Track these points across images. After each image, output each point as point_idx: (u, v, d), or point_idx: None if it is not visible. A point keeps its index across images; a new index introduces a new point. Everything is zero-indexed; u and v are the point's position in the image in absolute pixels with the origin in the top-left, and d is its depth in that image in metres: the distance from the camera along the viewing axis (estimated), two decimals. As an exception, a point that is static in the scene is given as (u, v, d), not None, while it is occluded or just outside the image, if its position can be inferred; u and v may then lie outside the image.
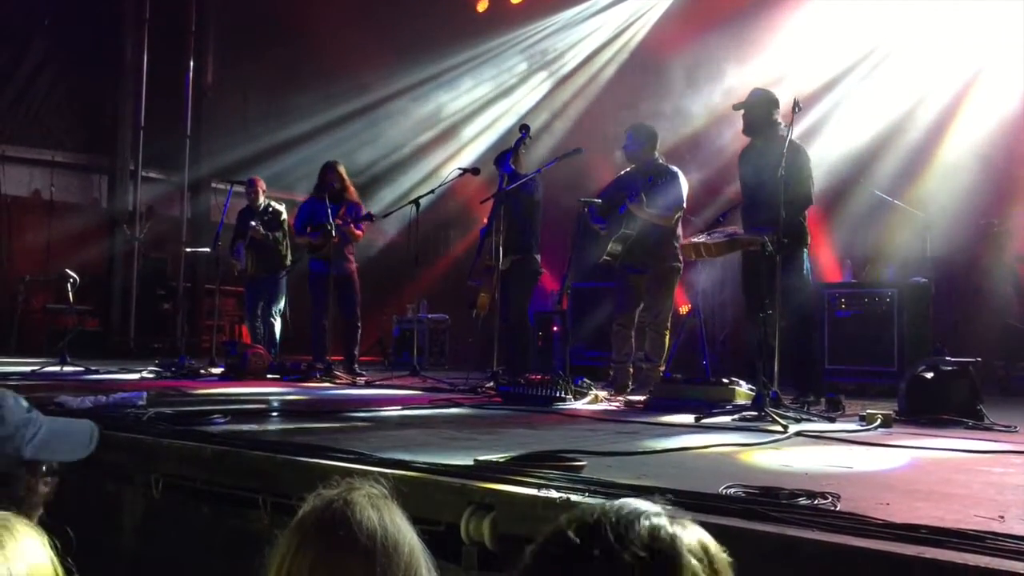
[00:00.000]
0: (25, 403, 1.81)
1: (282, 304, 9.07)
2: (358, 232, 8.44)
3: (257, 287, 9.06)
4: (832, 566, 2.03)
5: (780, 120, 6.03)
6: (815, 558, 2.05)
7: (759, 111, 6.06)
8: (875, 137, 8.45)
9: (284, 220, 9.06)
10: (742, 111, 6.16)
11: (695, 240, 6.24)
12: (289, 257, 9.07)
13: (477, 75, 12.60)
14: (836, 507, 2.38)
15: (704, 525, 2.22)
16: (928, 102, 8.39)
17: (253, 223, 8.80)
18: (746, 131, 6.20)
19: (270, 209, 9.04)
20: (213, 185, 12.69)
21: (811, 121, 8.43)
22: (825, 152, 8.15)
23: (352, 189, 8.65)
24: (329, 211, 8.13)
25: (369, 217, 8.50)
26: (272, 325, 8.96)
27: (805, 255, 6.00)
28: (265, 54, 12.80)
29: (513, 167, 7.44)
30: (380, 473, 2.74)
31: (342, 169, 8.60)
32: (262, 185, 9.18)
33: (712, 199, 8.54)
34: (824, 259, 8.80)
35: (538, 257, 7.58)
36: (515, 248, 7.29)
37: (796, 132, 5.77)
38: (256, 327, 9.06)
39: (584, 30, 11.99)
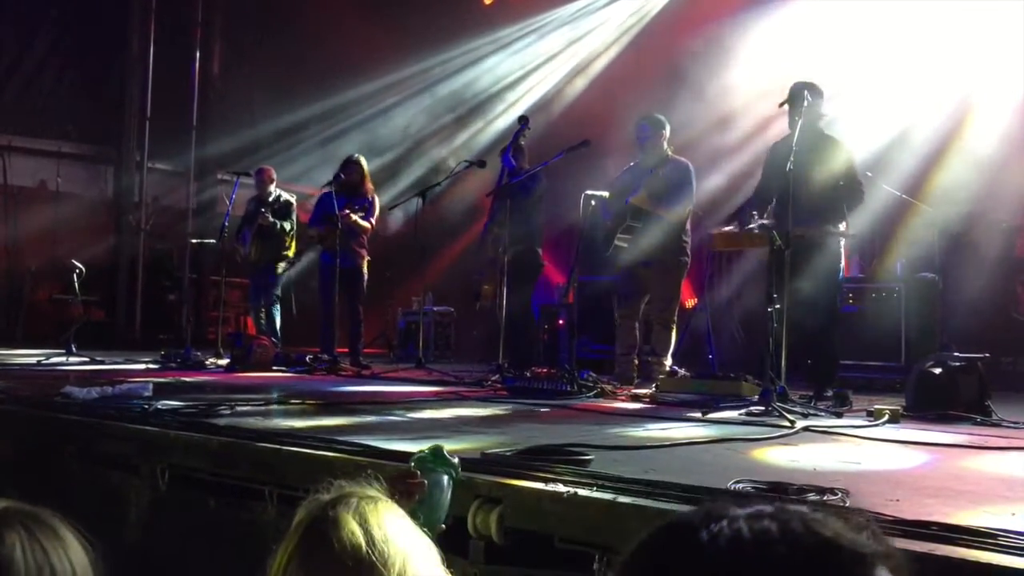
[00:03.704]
0: None
1: (279, 291, 9.03)
2: (366, 224, 8.39)
3: (260, 276, 9.06)
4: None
5: (824, 112, 6.00)
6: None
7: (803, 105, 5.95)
8: (885, 133, 8.39)
9: (294, 211, 9.04)
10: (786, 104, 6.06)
11: (739, 231, 6.07)
12: (293, 249, 9.06)
13: (484, 66, 12.56)
14: (846, 503, 2.37)
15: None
16: (940, 98, 8.34)
17: (263, 210, 8.79)
18: (791, 125, 6.02)
19: (281, 199, 9.02)
20: (219, 176, 12.69)
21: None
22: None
23: (369, 185, 8.59)
24: (336, 203, 8.11)
25: (367, 216, 8.44)
26: (271, 313, 8.94)
27: (841, 251, 5.99)
28: (272, 45, 12.78)
29: (513, 159, 7.43)
30: (385, 466, 2.75)
31: (363, 163, 8.56)
32: (272, 175, 9.15)
33: (730, 193, 8.53)
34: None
35: (539, 250, 7.57)
36: (516, 240, 7.29)
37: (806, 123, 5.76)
38: (259, 317, 9.07)
39: (593, 21, 11.94)
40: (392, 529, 1.45)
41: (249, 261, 9.03)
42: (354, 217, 8.24)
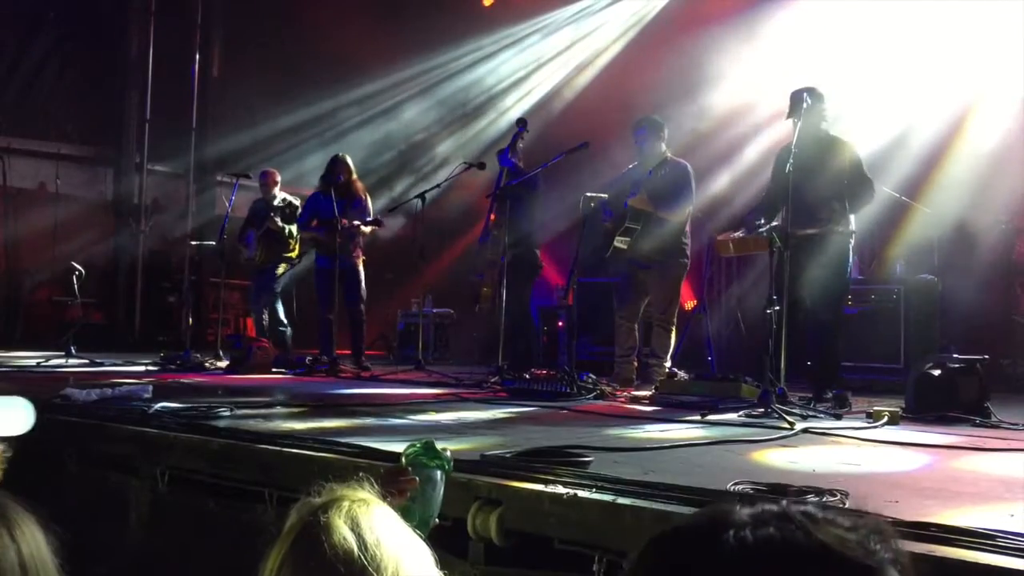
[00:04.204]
0: None
1: (279, 288, 8.99)
2: (365, 228, 8.41)
3: (261, 277, 9.06)
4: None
5: (827, 115, 6.02)
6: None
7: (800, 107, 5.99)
8: (885, 134, 8.40)
9: (299, 214, 9.03)
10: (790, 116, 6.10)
11: (745, 236, 6.15)
12: (297, 251, 9.06)
13: (484, 67, 12.58)
14: (845, 505, 2.37)
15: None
16: (939, 100, 8.34)
17: (272, 214, 8.78)
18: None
19: (286, 203, 9.01)
20: (219, 178, 12.69)
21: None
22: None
23: (358, 183, 8.61)
24: (335, 206, 8.12)
25: (378, 223, 8.47)
26: (275, 310, 8.90)
27: (850, 252, 6.00)
28: (272, 47, 12.79)
29: (513, 161, 7.45)
30: (383, 467, 2.75)
31: (349, 162, 8.57)
32: (276, 177, 9.13)
33: (732, 195, 8.54)
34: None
35: (538, 251, 7.58)
36: (515, 242, 7.30)
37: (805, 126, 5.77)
38: (261, 319, 9.05)
39: (593, 22, 11.94)
40: (384, 532, 1.43)
41: (255, 263, 9.01)
42: (364, 229, 8.28)
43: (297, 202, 9.08)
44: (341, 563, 1.37)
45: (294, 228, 8.89)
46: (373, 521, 1.44)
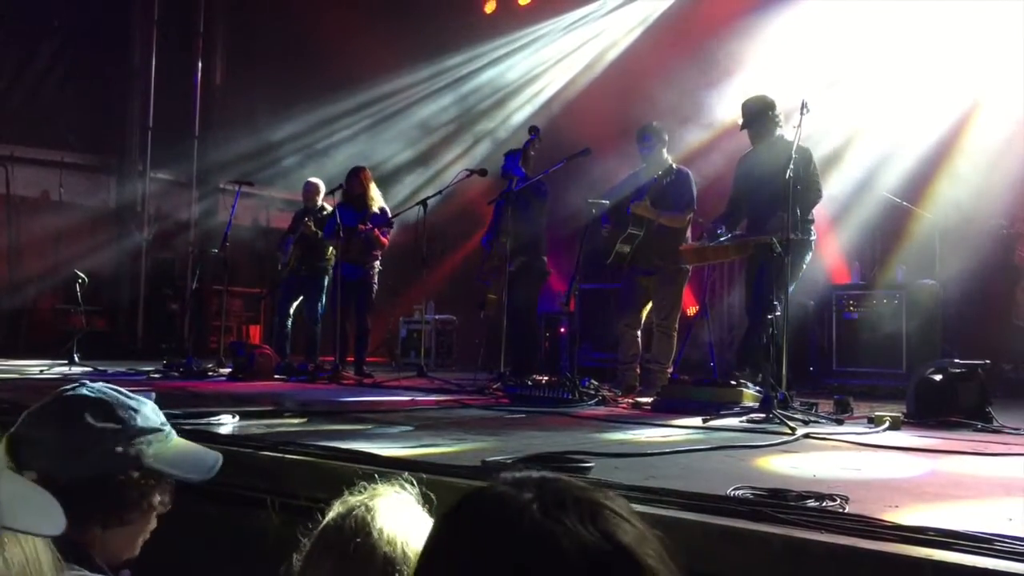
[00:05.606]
0: (162, 416, 1.80)
1: (321, 308, 9.01)
2: (383, 239, 8.43)
3: (293, 284, 8.99)
4: (841, 568, 2.02)
5: (780, 122, 6.17)
6: (823, 560, 2.04)
7: (760, 119, 6.20)
8: (886, 139, 8.41)
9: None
10: (744, 127, 6.37)
11: (705, 244, 6.27)
12: (332, 262, 9.06)
13: (486, 74, 12.61)
14: (844, 509, 2.37)
15: (712, 526, 2.24)
16: (940, 105, 8.35)
17: (307, 219, 8.79)
18: (753, 141, 6.43)
19: (326, 212, 9.02)
20: (221, 186, 12.72)
21: (821, 122, 8.39)
22: (835, 154, 8.15)
23: (373, 195, 8.60)
24: (337, 215, 8.15)
25: (388, 222, 8.48)
26: (314, 331, 8.91)
27: (800, 254, 6.09)
28: (274, 55, 12.84)
29: (523, 168, 7.48)
30: (387, 473, 2.76)
31: (366, 175, 8.60)
32: (319, 188, 9.09)
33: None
34: (833, 261, 8.79)
35: (545, 258, 7.60)
36: (523, 249, 7.31)
37: (806, 133, 5.79)
38: (286, 325, 9.01)
39: (594, 30, 11.97)
40: (425, 526, 1.46)
41: (288, 269, 9.01)
42: (377, 232, 8.30)
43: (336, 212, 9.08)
44: (387, 544, 1.42)
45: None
46: (415, 516, 1.50)
